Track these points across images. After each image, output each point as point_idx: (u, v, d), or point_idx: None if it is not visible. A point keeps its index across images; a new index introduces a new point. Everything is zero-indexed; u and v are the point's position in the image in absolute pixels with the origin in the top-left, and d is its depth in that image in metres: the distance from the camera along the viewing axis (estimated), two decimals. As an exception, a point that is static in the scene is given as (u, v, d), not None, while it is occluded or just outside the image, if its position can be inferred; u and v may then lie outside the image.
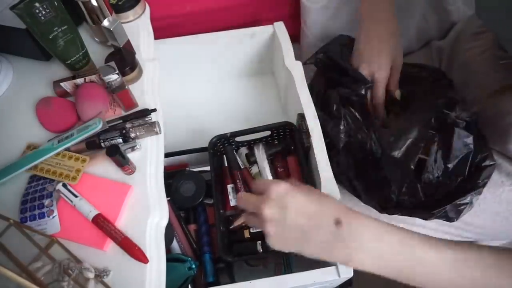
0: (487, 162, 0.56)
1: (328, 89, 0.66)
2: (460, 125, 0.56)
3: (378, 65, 0.62)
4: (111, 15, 0.64)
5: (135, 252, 0.48)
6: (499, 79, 0.60)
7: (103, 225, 0.49)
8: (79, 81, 0.60)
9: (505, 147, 0.58)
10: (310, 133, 0.60)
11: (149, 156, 0.57)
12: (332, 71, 0.68)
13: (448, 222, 0.56)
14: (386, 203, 0.59)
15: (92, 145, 0.56)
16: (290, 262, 0.66)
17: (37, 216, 0.51)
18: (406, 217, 0.62)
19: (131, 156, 0.56)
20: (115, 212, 0.51)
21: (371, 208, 0.61)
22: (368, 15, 0.62)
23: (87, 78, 0.60)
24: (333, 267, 0.51)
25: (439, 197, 0.56)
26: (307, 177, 0.62)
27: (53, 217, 0.51)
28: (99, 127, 0.55)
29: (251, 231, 0.61)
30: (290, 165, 0.68)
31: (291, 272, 0.64)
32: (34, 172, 0.55)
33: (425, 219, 0.58)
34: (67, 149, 0.56)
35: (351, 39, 0.70)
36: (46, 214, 0.51)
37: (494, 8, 0.53)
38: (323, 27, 0.82)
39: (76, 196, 0.51)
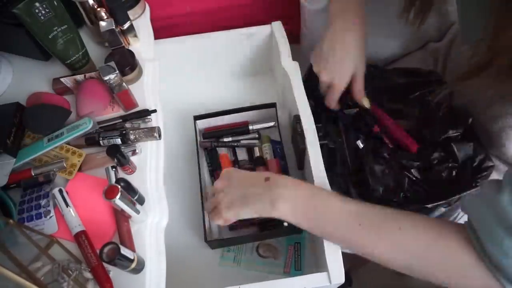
0: (485, 164, 0.56)
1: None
2: (456, 138, 0.57)
3: (339, 74, 0.60)
4: (110, 15, 0.64)
5: (104, 285, 0.46)
6: (488, 83, 0.60)
7: (82, 244, 0.48)
8: (79, 77, 0.60)
9: (499, 150, 0.58)
10: (305, 136, 0.60)
11: (150, 155, 0.57)
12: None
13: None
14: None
15: (91, 141, 0.57)
16: (301, 260, 0.66)
17: (34, 217, 0.51)
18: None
19: (131, 156, 0.56)
20: (113, 212, 0.51)
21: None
22: (337, 16, 0.61)
23: (87, 75, 0.60)
24: (324, 273, 0.50)
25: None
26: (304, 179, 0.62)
27: (50, 217, 0.51)
28: (89, 127, 0.55)
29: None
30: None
31: (300, 269, 0.65)
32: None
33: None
34: (67, 142, 0.56)
35: None
36: (43, 215, 0.51)
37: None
38: (323, 29, 0.82)
39: (67, 206, 0.51)
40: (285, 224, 0.63)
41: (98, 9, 0.61)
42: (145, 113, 0.59)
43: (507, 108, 0.54)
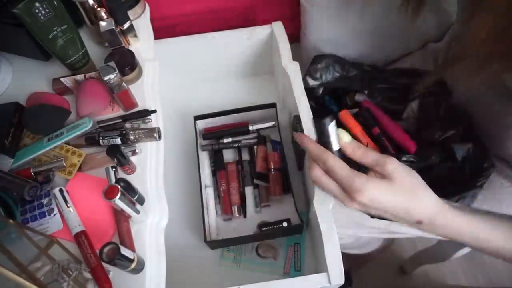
0: (485, 165, 0.56)
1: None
2: (456, 138, 0.57)
3: None
4: (110, 15, 0.64)
5: (103, 285, 0.46)
6: (483, 82, 0.60)
7: (82, 244, 0.48)
8: (79, 77, 0.60)
9: (499, 149, 0.58)
10: None
11: (150, 155, 0.57)
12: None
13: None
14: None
15: (90, 141, 0.57)
16: (301, 260, 0.66)
17: (38, 216, 0.52)
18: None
19: (131, 156, 0.56)
20: (113, 212, 0.51)
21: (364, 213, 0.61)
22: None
23: (87, 75, 0.60)
24: (324, 274, 0.50)
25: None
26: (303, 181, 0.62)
27: (54, 215, 0.51)
28: (89, 126, 0.55)
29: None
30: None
31: (299, 270, 0.65)
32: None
33: None
34: (67, 143, 0.56)
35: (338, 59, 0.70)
36: (47, 213, 0.52)
37: None
38: (323, 29, 0.82)
39: (68, 206, 0.51)
40: (285, 224, 0.64)
41: (98, 9, 0.61)
42: (145, 113, 0.59)
43: (506, 107, 0.55)
